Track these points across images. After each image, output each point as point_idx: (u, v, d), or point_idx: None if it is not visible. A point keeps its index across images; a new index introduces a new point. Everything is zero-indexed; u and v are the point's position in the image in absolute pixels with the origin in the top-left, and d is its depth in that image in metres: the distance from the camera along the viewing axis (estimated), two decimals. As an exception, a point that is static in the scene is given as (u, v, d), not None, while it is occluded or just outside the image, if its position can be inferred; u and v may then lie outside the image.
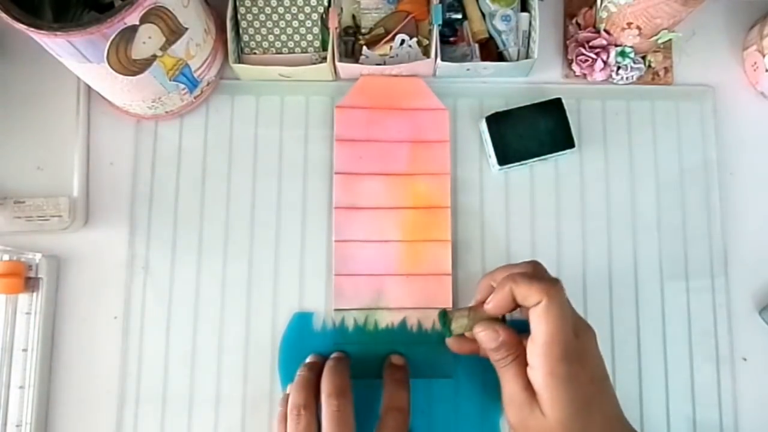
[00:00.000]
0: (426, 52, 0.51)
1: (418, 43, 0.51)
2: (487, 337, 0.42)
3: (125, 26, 0.38)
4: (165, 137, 0.52)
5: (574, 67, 0.52)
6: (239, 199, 0.51)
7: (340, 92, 0.52)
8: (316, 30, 0.51)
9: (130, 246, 0.50)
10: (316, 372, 0.46)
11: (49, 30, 0.37)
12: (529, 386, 0.40)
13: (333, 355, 0.47)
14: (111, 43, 0.39)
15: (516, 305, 0.41)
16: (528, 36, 0.52)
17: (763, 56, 0.51)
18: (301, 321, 0.49)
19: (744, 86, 0.54)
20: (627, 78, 0.52)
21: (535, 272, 0.42)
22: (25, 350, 0.47)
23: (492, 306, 0.42)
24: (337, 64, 0.50)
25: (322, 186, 0.51)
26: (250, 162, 0.52)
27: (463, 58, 0.52)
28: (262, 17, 0.51)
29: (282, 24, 0.51)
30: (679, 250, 0.51)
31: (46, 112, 0.51)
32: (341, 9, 0.52)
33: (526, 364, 0.40)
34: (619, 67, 0.51)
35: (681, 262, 0.51)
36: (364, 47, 0.51)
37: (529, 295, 0.39)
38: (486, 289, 0.43)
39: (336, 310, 0.49)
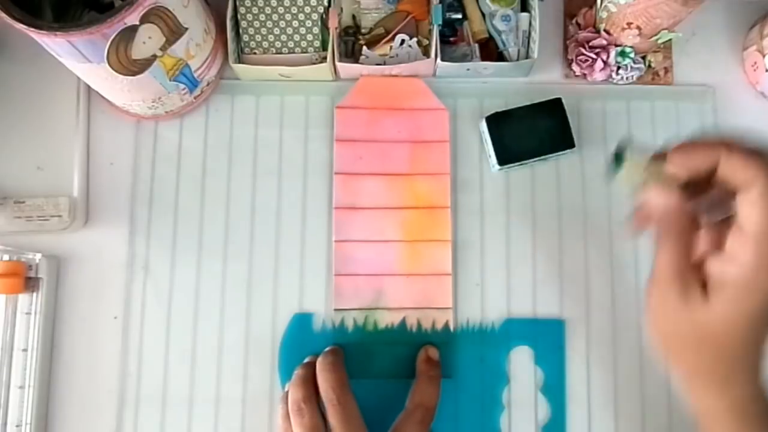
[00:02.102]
0: (426, 52, 0.51)
1: (418, 43, 0.51)
2: (660, 198, 0.34)
3: (125, 26, 0.38)
4: (165, 137, 0.52)
5: (574, 67, 0.52)
6: (239, 199, 0.51)
7: (340, 92, 0.52)
8: (316, 30, 0.51)
9: (130, 246, 0.50)
10: (312, 369, 0.46)
11: (49, 30, 0.37)
12: (690, 270, 0.33)
13: (326, 350, 0.47)
14: (111, 43, 0.39)
15: (708, 177, 0.33)
16: (528, 36, 0.52)
17: (763, 56, 0.51)
18: (301, 322, 0.49)
19: (744, 86, 0.54)
20: (627, 78, 0.52)
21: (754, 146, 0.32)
22: (25, 350, 0.47)
23: (680, 162, 0.33)
24: (337, 64, 0.50)
25: (322, 186, 0.51)
26: (250, 162, 0.52)
27: (463, 58, 0.52)
28: (262, 17, 0.51)
29: (282, 24, 0.51)
30: (679, 250, 0.51)
31: (46, 112, 0.51)
32: (341, 9, 0.52)
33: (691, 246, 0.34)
34: (619, 67, 0.51)
35: (681, 262, 0.51)
36: (364, 47, 0.51)
37: (742, 171, 0.31)
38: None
39: (336, 310, 0.49)
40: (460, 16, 0.52)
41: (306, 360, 0.48)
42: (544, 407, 0.49)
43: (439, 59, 0.50)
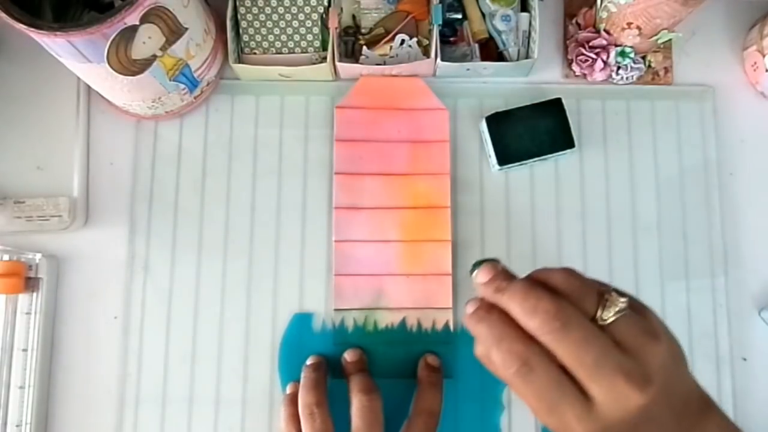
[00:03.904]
0: (426, 52, 0.51)
1: (418, 43, 0.51)
2: None
3: (125, 26, 0.38)
4: (165, 137, 0.52)
5: (574, 67, 0.52)
6: (239, 199, 0.51)
7: (340, 92, 0.52)
8: (316, 30, 0.51)
9: (130, 246, 0.50)
10: (321, 372, 0.46)
11: (49, 30, 0.37)
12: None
13: (352, 355, 0.48)
14: (111, 43, 0.39)
15: None
16: (528, 36, 0.52)
17: (763, 56, 0.51)
18: (301, 322, 0.49)
19: (744, 86, 0.54)
20: (627, 78, 0.52)
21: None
22: (25, 350, 0.47)
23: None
24: (337, 64, 0.50)
25: (322, 186, 0.51)
26: (250, 162, 0.52)
27: (463, 58, 0.52)
28: (262, 17, 0.51)
29: (282, 24, 0.51)
30: (679, 250, 0.51)
31: (46, 112, 0.51)
32: (341, 9, 0.52)
33: None
34: (619, 67, 0.51)
35: (681, 262, 0.51)
36: (364, 47, 0.51)
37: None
38: None
39: (336, 310, 0.49)
40: (460, 16, 0.52)
41: (311, 361, 0.48)
42: (544, 407, 0.49)
43: (439, 59, 0.50)
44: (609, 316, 0.31)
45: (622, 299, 0.32)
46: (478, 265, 0.35)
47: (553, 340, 0.30)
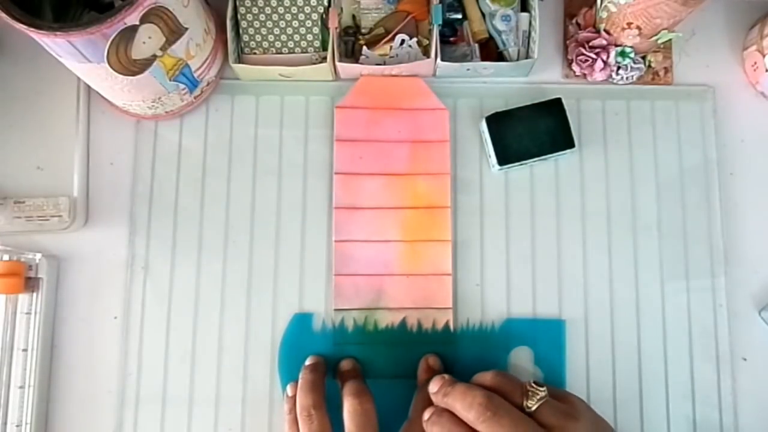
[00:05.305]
0: (426, 52, 0.51)
1: (418, 43, 0.51)
2: None
3: (125, 26, 0.38)
4: (165, 137, 0.52)
5: (574, 67, 0.52)
6: (239, 199, 0.51)
7: (340, 92, 0.52)
8: (316, 30, 0.51)
9: (130, 246, 0.50)
10: (319, 373, 0.46)
11: (49, 30, 0.37)
12: None
13: (346, 365, 0.48)
14: (111, 43, 0.39)
15: None
16: (528, 36, 0.52)
17: (763, 56, 0.51)
18: (301, 322, 0.49)
19: (744, 86, 0.54)
20: (627, 78, 0.52)
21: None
22: (25, 350, 0.47)
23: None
24: (337, 64, 0.50)
25: (322, 186, 0.51)
26: (250, 162, 0.52)
27: (463, 58, 0.52)
28: (262, 17, 0.51)
29: (282, 24, 0.51)
30: (679, 250, 0.51)
31: (46, 112, 0.51)
32: (341, 9, 0.52)
33: None
34: (619, 67, 0.51)
35: (681, 262, 0.51)
36: (364, 47, 0.51)
37: None
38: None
39: (336, 310, 0.49)
40: (460, 16, 0.52)
41: (309, 362, 0.48)
42: (544, 407, 0.49)
43: (439, 59, 0.50)
44: (533, 403, 0.40)
45: (542, 389, 0.40)
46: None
47: (488, 427, 0.38)
